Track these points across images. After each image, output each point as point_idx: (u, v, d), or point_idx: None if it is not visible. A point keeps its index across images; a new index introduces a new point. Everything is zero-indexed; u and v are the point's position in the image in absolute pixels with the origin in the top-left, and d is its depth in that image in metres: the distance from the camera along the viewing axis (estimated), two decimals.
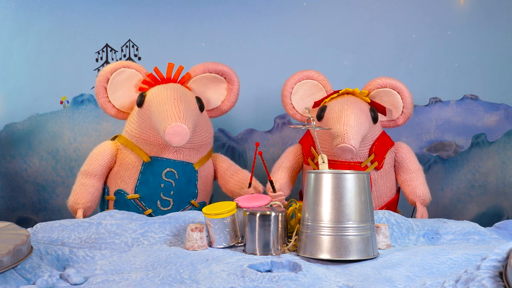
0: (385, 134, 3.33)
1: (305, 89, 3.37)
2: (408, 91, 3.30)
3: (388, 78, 3.31)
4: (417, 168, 3.33)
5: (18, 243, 2.07)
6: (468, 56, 3.96)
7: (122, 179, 3.19)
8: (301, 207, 2.53)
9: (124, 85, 3.25)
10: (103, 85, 3.23)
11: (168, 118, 2.95)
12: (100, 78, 3.23)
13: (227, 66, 3.35)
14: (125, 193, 3.18)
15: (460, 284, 1.79)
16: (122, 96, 3.26)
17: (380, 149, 3.24)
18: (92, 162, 3.21)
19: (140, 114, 3.15)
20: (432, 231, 2.73)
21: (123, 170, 3.19)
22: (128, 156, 3.19)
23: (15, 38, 3.84)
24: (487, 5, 3.94)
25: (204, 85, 3.33)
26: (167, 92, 3.07)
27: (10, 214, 3.84)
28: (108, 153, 3.22)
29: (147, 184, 3.15)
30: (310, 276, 2.11)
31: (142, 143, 3.17)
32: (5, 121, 3.86)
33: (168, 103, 3.01)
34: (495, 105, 3.99)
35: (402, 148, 3.36)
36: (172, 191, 3.16)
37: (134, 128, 3.19)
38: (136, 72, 3.25)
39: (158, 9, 3.91)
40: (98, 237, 2.61)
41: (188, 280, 2.15)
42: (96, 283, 2.14)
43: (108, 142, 3.27)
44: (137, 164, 3.16)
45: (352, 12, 3.95)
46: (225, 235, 2.53)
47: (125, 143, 3.21)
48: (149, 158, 3.15)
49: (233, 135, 3.97)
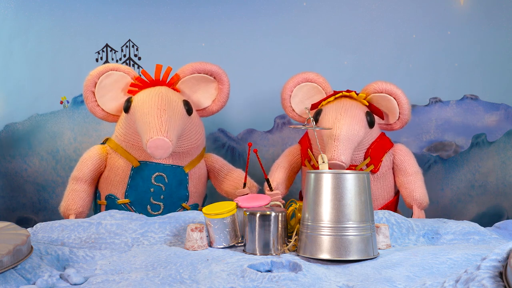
0: (383, 136, 3.30)
1: (304, 91, 3.35)
2: (404, 96, 3.24)
3: (385, 83, 3.25)
4: (415, 171, 3.30)
5: (18, 243, 2.07)
6: (468, 56, 3.96)
7: (112, 184, 3.18)
8: (301, 207, 2.53)
9: (112, 88, 3.22)
10: (91, 90, 3.20)
11: (150, 130, 2.92)
12: (87, 82, 3.20)
13: (216, 66, 3.30)
14: (116, 197, 3.17)
15: (460, 284, 1.79)
16: (111, 99, 3.23)
17: (377, 152, 3.22)
18: (82, 167, 3.19)
19: (127, 119, 3.13)
20: (432, 231, 2.73)
21: (113, 174, 3.18)
22: (118, 160, 3.17)
23: (15, 38, 3.84)
24: (487, 5, 3.94)
25: (194, 86, 3.29)
26: (152, 101, 3.02)
27: (10, 214, 3.84)
28: (98, 157, 3.20)
29: (136, 189, 3.14)
30: (310, 276, 2.11)
31: (130, 147, 3.15)
32: (5, 121, 3.86)
33: (151, 113, 2.97)
34: (495, 105, 3.99)
35: (401, 150, 3.33)
36: (162, 195, 3.15)
37: (122, 133, 3.17)
38: (124, 74, 3.21)
39: (158, 9, 3.91)
40: (98, 237, 2.61)
41: (188, 280, 2.15)
42: (96, 283, 2.14)
43: (98, 147, 3.25)
44: (126, 168, 3.15)
45: (352, 12, 3.95)
46: (225, 235, 2.53)
47: (114, 148, 3.19)
48: (138, 162, 3.13)
49: (233, 135, 3.97)
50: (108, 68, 3.21)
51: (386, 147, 3.27)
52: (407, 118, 3.27)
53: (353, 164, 3.18)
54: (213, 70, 3.28)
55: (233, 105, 3.94)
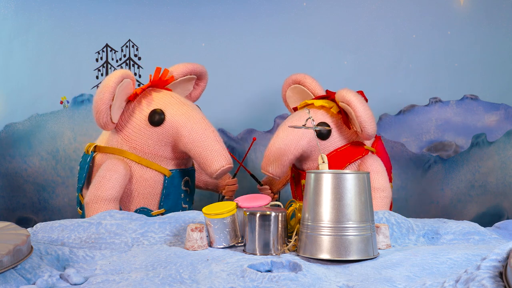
0: (353, 146, 3.16)
1: (296, 92, 3.38)
2: (361, 106, 2.99)
3: (346, 92, 3.03)
4: (378, 187, 3.06)
5: (18, 243, 2.07)
6: (468, 56, 3.96)
7: (143, 197, 3.07)
8: (301, 207, 2.53)
9: (121, 97, 2.99)
10: (109, 103, 2.89)
11: (220, 158, 2.93)
12: (105, 95, 2.85)
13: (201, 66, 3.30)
14: (149, 210, 3.09)
15: (460, 284, 1.79)
16: (118, 108, 3.01)
17: (336, 161, 3.12)
18: (113, 185, 2.92)
19: (157, 132, 3.02)
20: (432, 231, 2.73)
21: (141, 187, 3.06)
22: (146, 173, 3.05)
23: (15, 38, 3.84)
24: (487, 5, 3.94)
25: (180, 84, 3.28)
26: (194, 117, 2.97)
27: (10, 214, 3.84)
28: (125, 173, 2.97)
29: (169, 197, 3.11)
30: (310, 276, 2.11)
31: (158, 159, 3.07)
32: (5, 121, 3.86)
33: (207, 135, 2.94)
34: (495, 105, 3.99)
35: (369, 164, 3.11)
36: (188, 198, 3.20)
37: (148, 145, 3.04)
38: (130, 81, 3.01)
39: (158, 9, 3.91)
40: (98, 237, 2.61)
41: (188, 280, 2.15)
42: (96, 283, 2.14)
43: (120, 162, 2.98)
44: (159, 179, 3.07)
45: (352, 12, 3.96)
46: (225, 235, 2.53)
47: (137, 160, 3.03)
48: (170, 172, 3.09)
49: (233, 135, 3.97)
50: (124, 75, 2.93)
51: (350, 157, 3.15)
52: (369, 128, 3.01)
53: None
54: (201, 71, 3.31)
55: (233, 105, 3.95)
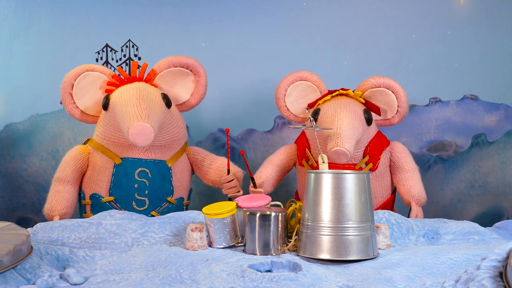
0: (380, 134, 3.31)
1: (299, 90, 3.35)
2: (402, 90, 3.26)
3: (382, 77, 3.27)
4: (412, 168, 3.30)
5: (18, 243, 2.07)
6: (468, 56, 3.96)
7: (96, 183, 3.19)
8: (301, 207, 2.53)
9: (90, 89, 3.23)
10: (68, 92, 3.22)
11: (130, 118, 2.94)
12: (64, 85, 3.22)
13: (191, 59, 3.31)
14: (100, 196, 3.17)
15: (460, 284, 1.79)
16: (89, 99, 3.24)
17: (375, 150, 3.23)
18: (65, 168, 3.20)
19: (106, 117, 3.15)
20: (432, 231, 2.73)
21: (95, 173, 3.19)
22: (100, 159, 3.19)
23: (15, 38, 3.84)
24: (487, 5, 3.94)
25: (171, 80, 3.30)
26: (130, 93, 3.06)
27: (10, 214, 3.84)
28: (80, 157, 3.21)
29: (120, 186, 3.15)
30: (310, 276, 2.11)
31: (112, 145, 3.17)
32: (5, 121, 3.86)
33: (130, 103, 3.00)
34: (495, 105, 3.99)
35: (398, 147, 3.33)
36: (146, 191, 3.16)
37: (102, 131, 3.18)
38: (100, 74, 3.23)
39: (158, 9, 3.91)
40: (98, 237, 2.61)
41: (188, 280, 2.15)
42: (96, 283, 2.14)
43: (79, 147, 3.26)
44: (109, 166, 3.16)
45: (352, 12, 3.95)
46: (225, 235, 2.53)
47: (95, 146, 3.21)
48: (120, 159, 3.15)
49: (233, 135, 3.97)
50: (84, 69, 3.23)
51: (383, 144, 3.28)
52: (405, 111, 3.29)
53: (352, 163, 3.19)
54: (189, 63, 3.30)
55: (233, 105, 3.94)
